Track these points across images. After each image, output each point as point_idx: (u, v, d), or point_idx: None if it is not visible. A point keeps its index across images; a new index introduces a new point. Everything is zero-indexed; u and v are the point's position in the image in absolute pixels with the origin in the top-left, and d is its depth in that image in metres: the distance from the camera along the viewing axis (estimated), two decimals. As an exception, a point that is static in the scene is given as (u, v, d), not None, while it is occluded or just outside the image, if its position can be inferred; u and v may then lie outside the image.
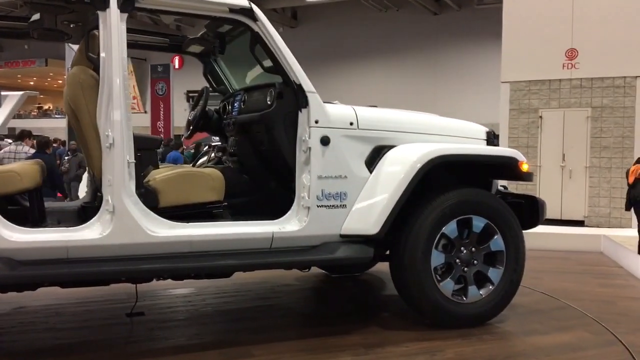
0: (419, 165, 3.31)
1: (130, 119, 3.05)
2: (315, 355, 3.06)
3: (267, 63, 3.35)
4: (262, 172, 3.69)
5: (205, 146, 11.76)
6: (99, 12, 2.99)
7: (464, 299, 3.47)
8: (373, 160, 3.42)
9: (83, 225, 2.99)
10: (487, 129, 3.99)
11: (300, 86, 3.26)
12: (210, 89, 4.28)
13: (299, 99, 3.27)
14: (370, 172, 3.39)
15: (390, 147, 3.46)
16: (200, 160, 8.38)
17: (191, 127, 4.15)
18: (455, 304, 3.44)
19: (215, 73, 4.34)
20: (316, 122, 3.27)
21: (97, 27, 3.03)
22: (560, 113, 9.27)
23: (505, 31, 9.67)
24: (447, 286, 3.41)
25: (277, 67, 3.28)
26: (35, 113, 30.64)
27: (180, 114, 22.52)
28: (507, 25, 9.68)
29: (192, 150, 12.47)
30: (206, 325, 3.69)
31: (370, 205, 3.31)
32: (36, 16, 3.46)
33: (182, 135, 14.97)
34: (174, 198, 3.26)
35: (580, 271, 5.74)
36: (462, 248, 3.47)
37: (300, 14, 23.28)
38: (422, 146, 3.45)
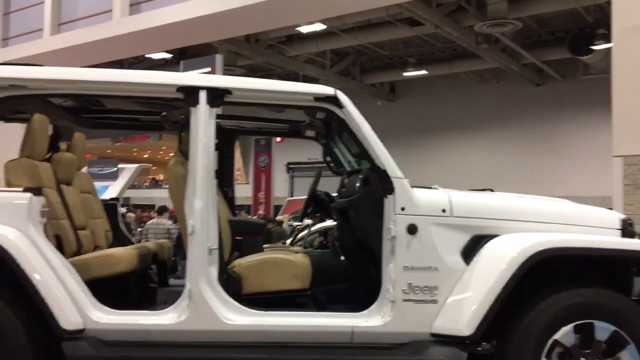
0: (522, 258, 2.94)
1: (214, 207, 3.10)
2: None
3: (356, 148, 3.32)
4: (360, 260, 3.52)
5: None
6: (191, 108, 3.14)
7: None
8: (471, 251, 3.10)
9: (164, 309, 3.07)
10: (624, 217, 3.48)
11: (385, 172, 3.13)
12: (331, 171, 4.26)
13: (385, 185, 3.13)
14: (467, 264, 3.09)
15: (493, 237, 3.12)
16: (300, 234, 8.46)
17: (303, 211, 4.18)
18: None
19: (334, 155, 4.27)
20: (402, 209, 3.09)
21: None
22: (682, 190, 8.46)
23: (615, 101, 9.12)
24: None
25: (363, 153, 3.22)
26: (147, 183, 32.71)
27: (281, 185, 23.12)
28: (617, 95, 9.13)
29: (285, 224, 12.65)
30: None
31: (464, 302, 2.99)
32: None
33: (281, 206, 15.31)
34: (257, 285, 3.23)
35: None
36: (582, 359, 2.97)
37: (398, 88, 23.53)
38: (529, 236, 3.07)
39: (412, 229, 3.08)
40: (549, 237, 3.07)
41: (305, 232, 8.92)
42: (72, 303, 2.95)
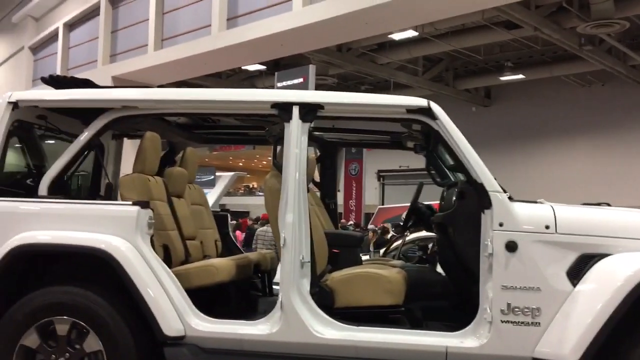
0: (637, 280, 2.72)
1: (306, 221, 3.11)
2: None
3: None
4: (459, 276, 3.42)
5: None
6: (285, 123, 3.21)
7: None
8: (578, 271, 2.90)
9: (259, 320, 3.14)
10: None
11: (481, 185, 3.01)
12: (435, 183, 4.07)
13: (481, 199, 3.00)
14: (574, 285, 2.88)
15: (603, 256, 2.91)
16: (394, 244, 8.34)
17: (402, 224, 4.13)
18: None
19: (438, 166, 4.08)
20: (500, 225, 2.95)
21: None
22: None
23: None
24: None
25: (458, 165, 3.13)
26: (242, 191, 33.73)
27: (371, 193, 23.06)
28: None
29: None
30: None
31: (570, 326, 2.79)
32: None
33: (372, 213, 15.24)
34: (350, 299, 3.22)
35: None
36: None
37: (494, 93, 22.77)
38: None
39: (511, 246, 2.93)
40: None
41: (400, 242, 8.75)
42: (173, 310, 3.10)
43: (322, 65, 17.04)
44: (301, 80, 13.46)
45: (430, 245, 4.90)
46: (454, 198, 3.22)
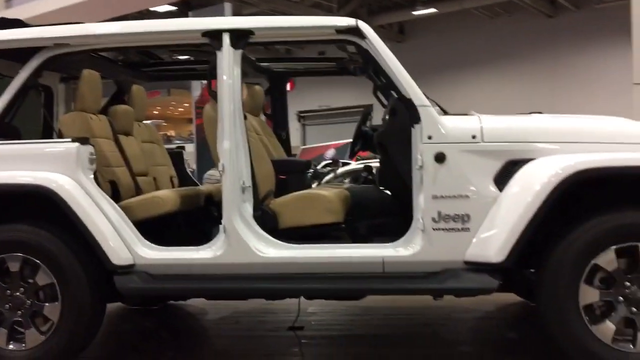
0: (555, 181, 2.80)
1: (244, 147, 3.19)
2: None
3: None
4: (399, 192, 3.52)
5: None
6: (217, 52, 3.19)
7: (632, 347, 2.81)
8: (504, 177, 2.98)
9: (205, 245, 3.22)
10: None
11: (410, 100, 3.10)
12: (383, 107, 4.02)
13: (411, 114, 3.10)
14: (500, 190, 3.00)
15: (528, 161, 2.97)
16: (326, 178, 8.47)
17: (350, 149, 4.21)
18: (619, 353, 2.81)
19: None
20: (429, 137, 3.05)
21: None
22: None
23: (635, 28, 8.90)
24: (605, 330, 2.82)
25: (389, 83, 3.20)
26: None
27: (292, 134, 23.07)
28: (638, 21, 8.91)
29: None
30: (340, 347, 3.80)
31: (495, 229, 2.94)
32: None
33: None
34: (292, 220, 3.33)
35: None
36: (626, 283, 2.83)
37: (407, 29, 23.07)
38: (565, 158, 2.87)
39: (439, 158, 3.03)
40: (583, 158, 2.86)
41: (331, 175, 8.86)
42: (120, 241, 3.17)
43: (235, 5, 16.58)
44: (216, 20, 13.09)
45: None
46: (387, 116, 3.32)
